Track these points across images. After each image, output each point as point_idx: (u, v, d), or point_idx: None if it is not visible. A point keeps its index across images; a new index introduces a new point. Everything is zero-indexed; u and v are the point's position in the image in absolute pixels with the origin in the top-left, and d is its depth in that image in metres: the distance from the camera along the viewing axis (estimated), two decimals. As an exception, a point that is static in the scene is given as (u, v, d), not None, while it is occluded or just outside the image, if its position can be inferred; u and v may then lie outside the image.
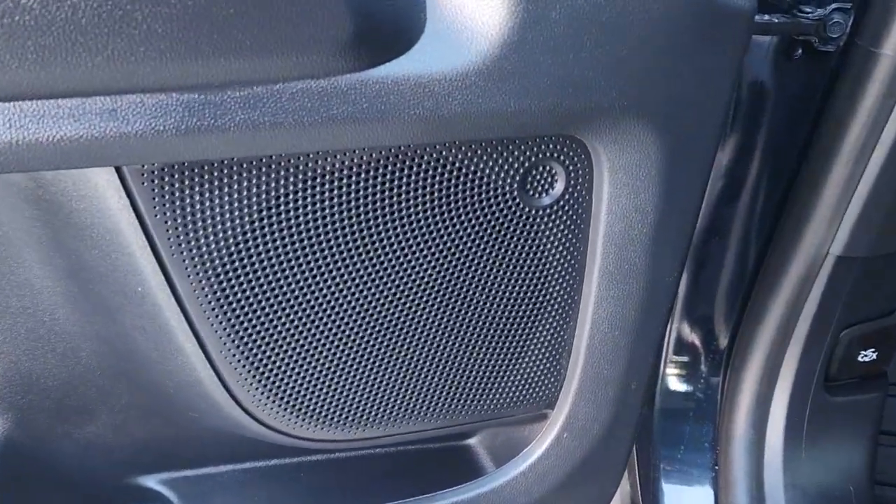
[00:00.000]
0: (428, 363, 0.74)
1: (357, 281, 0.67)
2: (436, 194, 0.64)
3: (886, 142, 0.81)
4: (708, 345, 1.07)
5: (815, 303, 0.97)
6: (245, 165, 0.58)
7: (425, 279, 0.68)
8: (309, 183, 0.60)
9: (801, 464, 1.08)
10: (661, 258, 0.71)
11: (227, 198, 0.59)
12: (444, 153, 0.63)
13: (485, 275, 0.70)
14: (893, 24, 0.75)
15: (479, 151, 0.63)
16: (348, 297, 0.67)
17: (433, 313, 0.71)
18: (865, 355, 1.04)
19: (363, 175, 0.61)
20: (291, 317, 0.66)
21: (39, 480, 0.84)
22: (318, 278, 0.65)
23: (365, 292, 0.67)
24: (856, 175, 0.85)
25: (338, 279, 0.66)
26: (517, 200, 0.67)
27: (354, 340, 0.70)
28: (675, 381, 1.09)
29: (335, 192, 0.61)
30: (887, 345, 1.05)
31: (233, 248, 0.61)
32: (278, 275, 0.64)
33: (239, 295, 0.64)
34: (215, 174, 0.58)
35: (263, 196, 0.60)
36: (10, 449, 0.79)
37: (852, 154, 0.83)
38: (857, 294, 0.97)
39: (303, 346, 0.68)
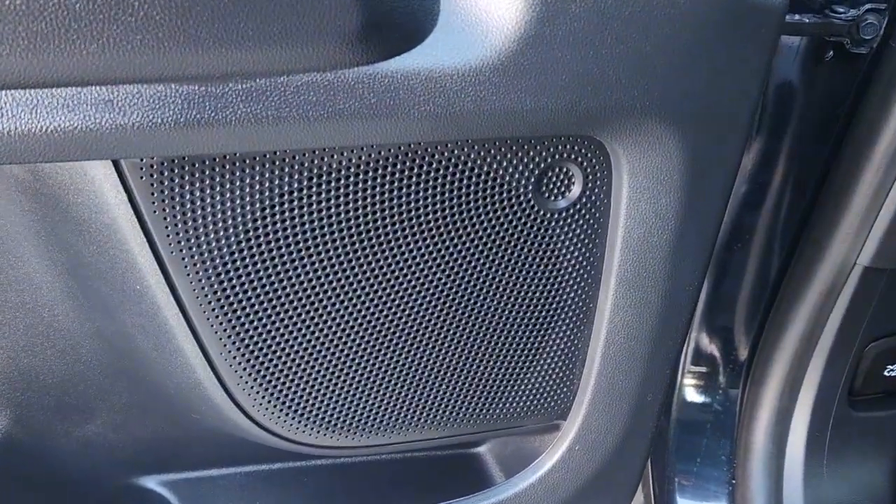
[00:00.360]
0: (436, 370, 0.72)
1: (363, 283, 0.65)
2: (446, 195, 0.62)
3: (920, 149, 0.79)
4: (728, 355, 1.05)
5: (840, 314, 0.95)
6: (247, 161, 0.56)
7: (434, 282, 0.66)
8: (314, 180, 0.58)
9: (822, 480, 1.06)
10: (681, 266, 0.69)
11: (228, 194, 0.57)
12: (455, 152, 0.60)
13: (497, 280, 0.68)
14: (930, 27, 0.73)
15: (492, 151, 0.61)
16: (353, 300, 0.65)
17: (442, 318, 0.69)
18: (892, 369, 1.02)
19: (370, 173, 0.59)
20: (294, 319, 0.65)
21: (39, 478, 0.84)
22: (322, 280, 0.63)
23: (371, 295, 0.65)
24: (886, 183, 0.82)
25: (342, 281, 0.64)
26: (532, 203, 0.65)
27: (360, 344, 0.68)
28: (692, 393, 1.07)
29: (341, 190, 0.59)
30: (915, 359, 1.02)
31: (234, 247, 0.59)
32: (281, 276, 0.62)
33: (240, 296, 0.62)
34: (216, 169, 0.56)
35: (266, 193, 0.58)
36: (9, 446, 0.79)
37: (883, 161, 0.81)
38: (884, 306, 0.95)
39: (306, 349, 0.67)
